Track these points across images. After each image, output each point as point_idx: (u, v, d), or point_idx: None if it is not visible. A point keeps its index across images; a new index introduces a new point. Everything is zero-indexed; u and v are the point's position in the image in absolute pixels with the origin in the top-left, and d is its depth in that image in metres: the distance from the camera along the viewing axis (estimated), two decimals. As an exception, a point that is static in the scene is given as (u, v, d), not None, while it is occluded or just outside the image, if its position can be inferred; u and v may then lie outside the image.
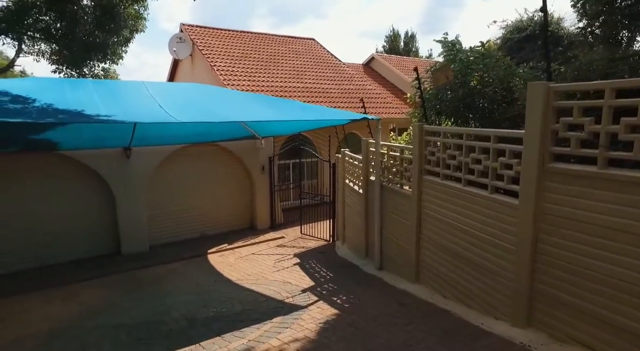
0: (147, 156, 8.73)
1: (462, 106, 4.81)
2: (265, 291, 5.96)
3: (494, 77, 4.53)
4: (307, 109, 6.88)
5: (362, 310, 4.68)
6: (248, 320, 4.80)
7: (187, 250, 8.95)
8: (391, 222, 5.95)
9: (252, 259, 8.28)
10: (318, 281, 6.30)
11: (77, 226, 8.30)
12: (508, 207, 3.61)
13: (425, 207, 4.97)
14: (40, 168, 7.83)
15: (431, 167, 4.79)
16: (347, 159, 8.10)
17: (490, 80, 4.45)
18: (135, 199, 8.65)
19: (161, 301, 5.95)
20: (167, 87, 7.17)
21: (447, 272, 4.59)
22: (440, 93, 4.92)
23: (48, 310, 5.94)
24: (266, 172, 10.55)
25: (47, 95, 4.61)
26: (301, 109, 6.60)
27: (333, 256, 8.13)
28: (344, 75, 16.13)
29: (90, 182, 8.37)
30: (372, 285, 5.70)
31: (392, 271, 6.05)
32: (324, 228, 9.89)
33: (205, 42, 14.63)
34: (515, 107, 4.23)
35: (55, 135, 6.74)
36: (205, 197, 9.91)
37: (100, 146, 7.87)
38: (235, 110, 5.64)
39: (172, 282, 6.93)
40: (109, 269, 7.82)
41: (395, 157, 5.78)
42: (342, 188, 8.53)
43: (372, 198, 6.62)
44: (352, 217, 7.89)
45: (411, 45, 39.37)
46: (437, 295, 4.79)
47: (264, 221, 10.66)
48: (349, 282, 5.99)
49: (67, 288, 6.95)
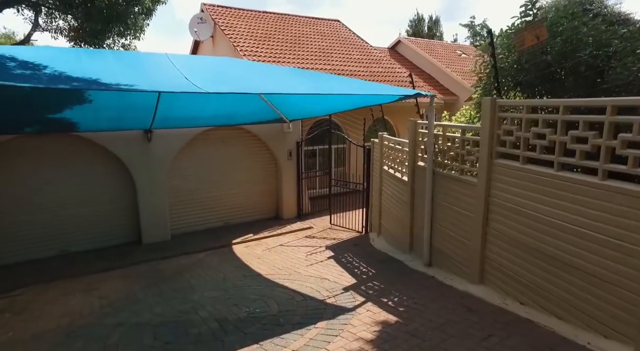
0: (168, 139, 8.17)
1: (549, 75, 3.98)
2: (302, 288, 5.33)
3: (590, 38, 3.69)
4: (350, 83, 6.02)
5: (423, 315, 3.99)
6: (287, 324, 4.17)
7: (210, 240, 8.43)
8: (446, 213, 5.21)
9: (280, 251, 7.68)
10: (359, 278, 5.64)
11: (97, 213, 7.85)
12: (637, 198, 2.80)
13: (496, 196, 4.20)
14: (59, 151, 7.36)
15: (507, 149, 4.01)
16: (387, 144, 7.34)
17: (589, 41, 3.62)
18: (156, 185, 8.13)
19: (186, 297, 5.40)
20: (193, 60, 6.53)
21: (528, 274, 3.84)
22: (527, 57, 4.08)
23: (68, 303, 5.47)
24: (293, 157, 9.88)
25: (60, 64, 4.01)
26: (343, 84, 5.78)
27: (369, 249, 7.44)
28: (372, 57, 15.23)
29: (110, 166, 7.87)
30: (424, 284, 4.99)
31: (445, 268, 5.33)
32: (354, 219, 9.23)
33: (227, 22, 13.93)
34: (623, 73, 3.40)
35: (73, 114, 6.20)
36: (229, 183, 9.34)
37: (121, 128, 7.33)
38: (271, 84, 4.94)
39: (196, 275, 6.38)
40: (130, 259, 7.35)
41: (453, 139, 5.01)
42: (379, 175, 7.80)
43: (420, 186, 5.88)
44: (391, 206, 7.17)
45: (435, 30, 37.87)
46: (510, 300, 4.05)
47: (290, 210, 10.04)
48: (395, 280, 5.30)
49: (87, 278, 6.50)
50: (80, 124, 6.66)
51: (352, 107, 6.67)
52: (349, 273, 5.90)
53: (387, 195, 7.39)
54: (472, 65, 5.09)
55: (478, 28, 36.64)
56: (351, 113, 11.33)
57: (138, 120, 7.03)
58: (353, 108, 6.72)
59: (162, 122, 7.43)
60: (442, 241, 5.37)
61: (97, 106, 6.07)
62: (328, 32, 16.18)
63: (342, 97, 6.08)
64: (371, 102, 6.39)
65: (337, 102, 6.63)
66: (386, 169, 7.43)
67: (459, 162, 4.86)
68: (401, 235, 6.64)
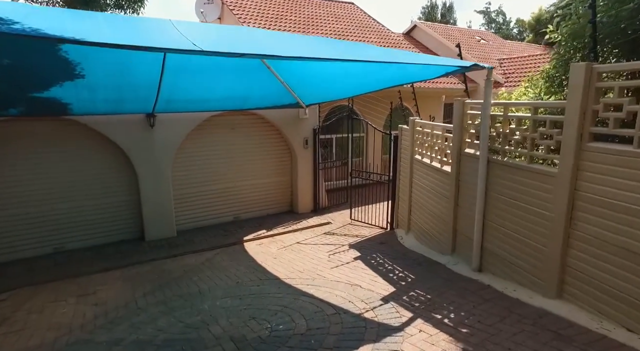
0: (173, 125, 7.34)
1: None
2: (331, 297, 4.50)
3: None
4: (389, 53, 4.93)
5: (496, 340, 3.14)
6: (321, 348, 3.35)
7: (220, 237, 7.63)
8: (505, 209, 4.34)
9: (298, 250, 6.86)
10: (397, 284, 4.80)
11: (95, 206, 7.07)
12: None
13: (586, 189, 3.32)
14: (52, 137, 6.56)
15: (610, 129, 3.10)
16: (421, 129, 6.45)
17: None
18: (160, 176, 7.32)
19: (195, 306, 4.60)
20: (202, 27, 5.62)
21: (636, 290, 2.97)
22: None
23: (57, 312, 4.71)
24: (310, 146, 9.01)
25: (36, 21, 3.15)
26: (381, 53, 4.77)
27: (399, 248, 6.60)
28: (390, 40, 14.23)
29: (108, 155, 7.06)
30: (482, 295, 4.13)
31: (502, 275, 4.47)
32: (377, 213, 8.39)
33: (236, 2, 12.99)
34: None
35: (64, 94, 5.36)
36: (239, 174, 8.50)
37: (120, 111, 6.50)
38: (294, 50, 4.05)
39: (205, 278, 5.59)
40: (132, 258, 6.57)
41: (519, 120, 4.11)
42: (409, 165, 6.92)
43: (467, 177, 5.00)
44: (426, 200, 6.30)
45: (448, 17, 36.64)
46: (609, 322, 3.18)
47: (305, 204, 9.20)
48: (442, 289, 4.45)
49: (83, 280, 5.75)
50: (74, 106, 5.83)
51: (385, 85, 5.72)
52: (384, 278, 5.06)
53: (420, 187, 6.52)
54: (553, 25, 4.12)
55: (494, 14, 35.29)
56: (370, 99, 10.43)
57: (139, 101, 6.19)
58: (386, 86, 5.77)
59: (165, 104, 6.59)
60: (498, 242, 4.50)
61: (92, 84, 5.23)
62: (343, 15, 15.17)
63: (375, 71, 5.15)
64: (414, 76, 5.33)
65: (367, 78, 5.66)
66: (419, 158, 6.55)
67: (528, 148, 3.96)
68: (439, 234, 5.78)
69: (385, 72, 5.17)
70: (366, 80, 5.83)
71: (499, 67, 16.79)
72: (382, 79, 5.52)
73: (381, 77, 5.41)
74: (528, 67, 15.13)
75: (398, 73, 5.17)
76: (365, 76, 5.54)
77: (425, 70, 4.71)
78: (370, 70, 5.26)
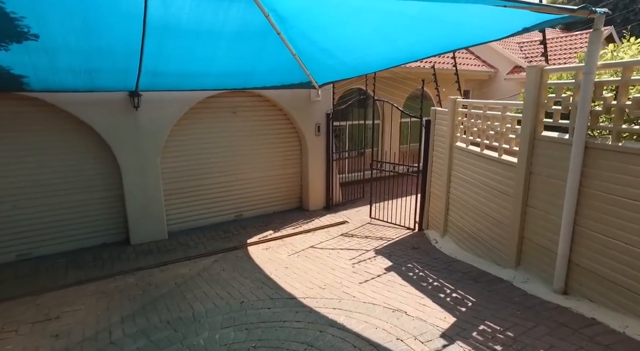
0: (163, 106, 6.11)
1: None
2: (368, 330, 3.33)
3: None
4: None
5: None
6: None
7: (219, 239, 6.46)
8: (613, 211, 3.16)
9: (313, 256, 5.70)
10: (455, 310, 3.62)
11: (69, 204, 5.89)
12: None
13: None
14: (11, 122, 5.34)
15: None
16: (466, 110, 5.24)
17: None
18: (147, 167, 6.11)
19: (188, 339, 3.44)
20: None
21: None
22: None
23: (2, 348, 3.53)
24: (322, 133, 7.79)
25: None
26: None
27: (439, 255, 5.43)
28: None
29: (84, 142, 5.86)
30: (595, 338, 2.93)
31: (601, 301, 3.30)
32: (400, 211, 7.31)
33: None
34: None
35: (12, 60, 4.08)
36: (241, 166, 7.30)
37: (94, 87, 5.25)
38: None
39: (202, 295, 4.43)
40: (112, 267, 5.40)
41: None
42: (448, 154, 5.72)
43: (544, 168, 3.81)
44: (472, 197, 5.12)
45: None
46: None
47: (317, 200, 8.02)
48: (524, 321, 3.27)
49: (46, 299, 4.58)
50: (31, 79, 4.58)
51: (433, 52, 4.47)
52: (433, 300, 3.89)
53: (464, 181, 5.33)
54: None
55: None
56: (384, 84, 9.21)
57: (117, 73, 4.93)
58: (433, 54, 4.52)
59: (152, 79, 5.34)
60: (596, 256, 3.32)
61: (49, 46, 3.98)
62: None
63: (419, 30, 3.89)
64: (476, 36, 3.92)
65: (405, 41, 4.33)
66: (462, 146, 5.35)
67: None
68: (494, 240, 4.61)
69: (435, 31, 3.90)
70: (403, 46, 4.55)
71: (519, 51, 15.56)
72: (428, 42, 4.21)
73: (426, 37, 4.08)
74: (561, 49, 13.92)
75: (451, 32, 3.91)
76: (405, 37, 4.23)
77: (500, 21, 3.40)
78: (413, 28, 4.01)
